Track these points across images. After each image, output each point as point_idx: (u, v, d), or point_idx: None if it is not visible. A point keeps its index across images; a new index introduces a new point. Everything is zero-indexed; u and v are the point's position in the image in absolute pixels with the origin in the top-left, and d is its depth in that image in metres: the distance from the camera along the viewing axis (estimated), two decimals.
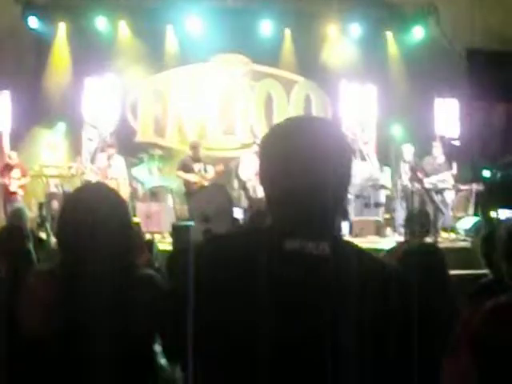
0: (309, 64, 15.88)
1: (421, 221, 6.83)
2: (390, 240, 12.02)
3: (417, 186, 12.92)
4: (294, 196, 1.78)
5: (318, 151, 1.78)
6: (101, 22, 15.03)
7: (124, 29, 15.22)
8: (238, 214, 9.23)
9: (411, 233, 6.61)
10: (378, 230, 13.10)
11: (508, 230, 3.04)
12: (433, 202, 12.97)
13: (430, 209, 12.00)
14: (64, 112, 14.60)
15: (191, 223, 9.36)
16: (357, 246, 1.94)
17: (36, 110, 14.55)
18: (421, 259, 3.66)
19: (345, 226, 12.34)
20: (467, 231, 12.82)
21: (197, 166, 12.64)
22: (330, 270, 1.73)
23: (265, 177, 1.87)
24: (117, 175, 12.78)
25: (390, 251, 6.90)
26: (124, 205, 2.84)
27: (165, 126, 15.55)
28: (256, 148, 12.96)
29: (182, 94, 15.61)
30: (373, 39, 15.94)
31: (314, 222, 1.79)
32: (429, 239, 7.35)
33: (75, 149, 14.61)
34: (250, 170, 12.69)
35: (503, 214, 12.57)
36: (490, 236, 4.79)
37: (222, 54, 15.55)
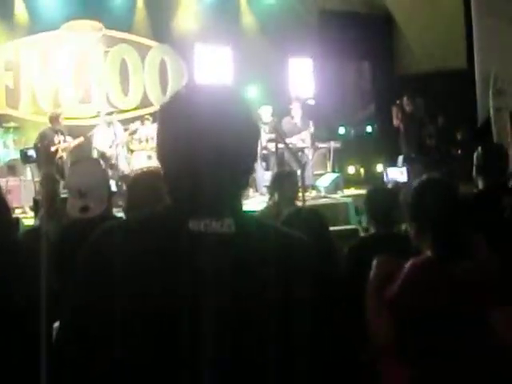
0: (163, 28, 15.74)
1: (291, 182, 6.93)
2: (254, 201, 12.17)
3: (278, 146, 13.15)
4: (194, 171, 1.66)
5: (223, 122, 1.68)
6: None
7: None
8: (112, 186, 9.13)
9: (282, 194, 6.69)
10: None
11: (414, 193, 3.13)
12: (293, 161, 13.25)
13: (287, 168, 12.28)
14: None
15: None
16: (261, 220, 1.93)
17: None
18: (308, 223, 3.73)
19: None
20: (326, 188, 13.18)
21: (57, 138, 12.45)
22: (237, 248, 1.68)
23: (163, 150, 1.75)
24: None
25: (263, 213, 7.01)
26: None
27: (18, 96, 14.95)
28: (109, 118, 13.02)
29: (34, 63, 15.03)
30: (226, 1, 16.00)
31: (217, 198, 1.69)
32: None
33: None
34: (105, 140, 12.77)
35: (390, 172, 12.84)
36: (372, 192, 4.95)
37: (73, 20, 15.07)
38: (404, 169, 12.49)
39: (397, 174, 12.37)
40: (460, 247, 2.97)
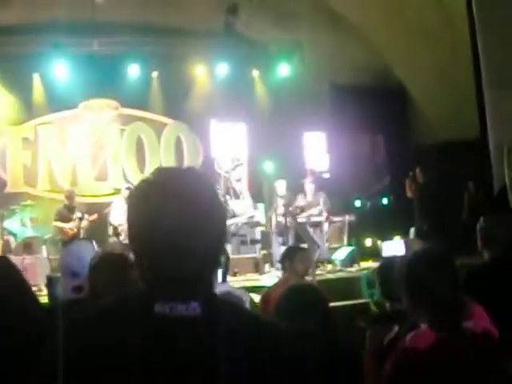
0: (178, 105, 15.95)
1: (301, 258, 6.89)
2: (269, 276, 12.11)
3: (291, 220, 13.13)
4: (160, 255, 1.67)
5: (188, 206, 1.69)
6: None
7: None
8: None
9: (292, 269, 6.66)
10: (257, 267, 13.21)
11: (408, 266, 3.08)
12: (308, 236, 13.22)
13: (304, 243, 12.26)
14: None
15: None
16: (231, 302, 1.90)
17: None
18: (298, 304, 3.67)
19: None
20: (342, 262, 13.09)
21: (73, 215, 12.70)
22: (201, 331, 1.67)
23: (132, 234, 1.76)
24: None
25: (272, 288, 6.96)
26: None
27: (35, 175, 15.15)
28: (126, 193, 13.02)
29: (52, 142, 15.28)
30: (240, 78, 16.18)
31: (183, 281, 1.69)
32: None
33: None
34: (121, 216, 12.73)
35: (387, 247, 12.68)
36: (384, 267, 4.86)
37: (90, 99, 15.37)
38: (402, 241, 12.36)
39: (394, 247, 12.22)
40: (459, 320, 2.91)
